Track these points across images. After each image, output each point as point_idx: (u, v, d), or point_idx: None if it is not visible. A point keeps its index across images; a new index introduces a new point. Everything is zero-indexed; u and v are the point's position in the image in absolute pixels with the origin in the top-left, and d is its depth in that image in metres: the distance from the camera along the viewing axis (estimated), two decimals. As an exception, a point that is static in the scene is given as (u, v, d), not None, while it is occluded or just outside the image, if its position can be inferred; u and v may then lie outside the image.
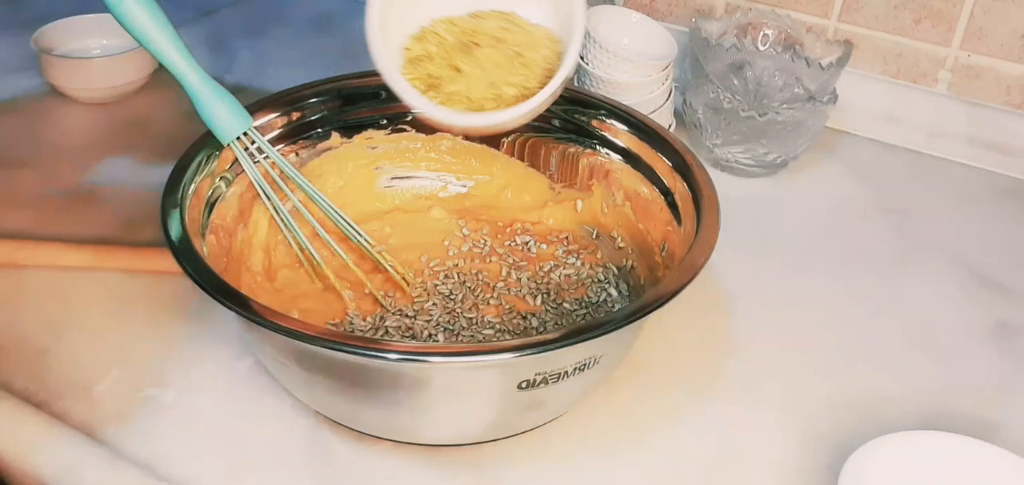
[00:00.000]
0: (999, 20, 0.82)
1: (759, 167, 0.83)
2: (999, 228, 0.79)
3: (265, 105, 0.64)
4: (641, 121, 0.65)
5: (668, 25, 0.87)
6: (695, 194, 0.58)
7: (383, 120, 0.69)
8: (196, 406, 0.55)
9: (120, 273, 0.65)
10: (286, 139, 0.65)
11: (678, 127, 0.86)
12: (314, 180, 0.66)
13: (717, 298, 0.67)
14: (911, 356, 0.64)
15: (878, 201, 0.81)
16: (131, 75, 0.88)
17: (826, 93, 0.80)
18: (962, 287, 0.71)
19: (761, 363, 0.62)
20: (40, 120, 0.85)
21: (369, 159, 0.69)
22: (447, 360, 0.45)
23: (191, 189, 0.56)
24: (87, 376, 0.57)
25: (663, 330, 0.61)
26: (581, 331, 0.46)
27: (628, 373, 0.59)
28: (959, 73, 0.86)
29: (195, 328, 0.61)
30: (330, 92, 0.67)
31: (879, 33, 0.87)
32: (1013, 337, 0.66)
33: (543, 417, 0.54)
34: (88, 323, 0.61)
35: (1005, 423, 0.58)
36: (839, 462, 0.50)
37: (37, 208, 0.72)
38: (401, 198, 0.71)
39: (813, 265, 0.72)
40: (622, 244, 0.66)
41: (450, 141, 0.70)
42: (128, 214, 0.72)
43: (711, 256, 0.52)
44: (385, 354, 0.44)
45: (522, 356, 0.45)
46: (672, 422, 0.57)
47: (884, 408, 0.59)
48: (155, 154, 0.80)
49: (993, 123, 0.86)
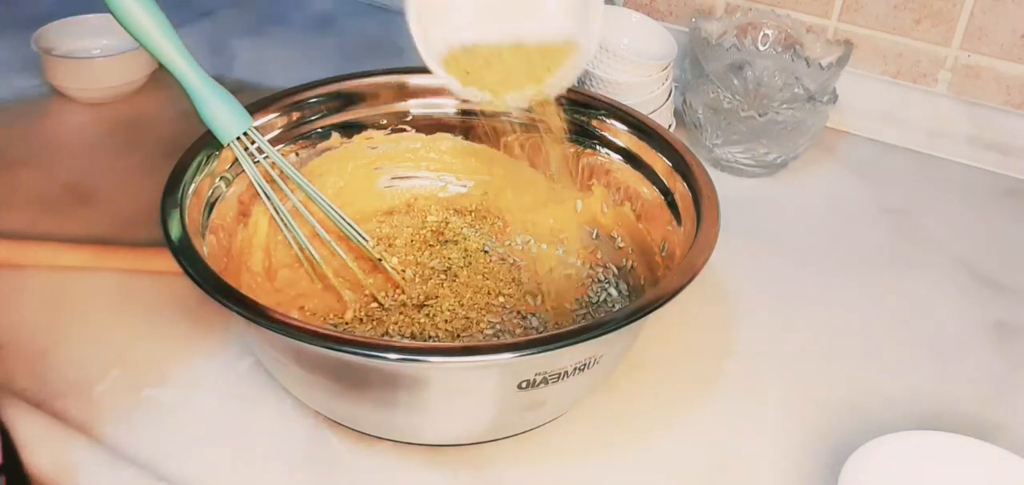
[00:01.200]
0: (999, 20, 0.82)
1: (759, 167, 0.83)
2: (999, 228, 0.79)
3: (265, 105, 0.64)
4: (641, 121, 0.65)
5: (668, 25, 0.87)
6: (695, 194, 0.58)
7: (383, 120, 0.69)
8: (196, 406, 0.55)
9: (120, 273, 0.65)
10: (286, 139, 0.65)
11: (678, 127, 0.86)
12: (314, 180, 0.66)
13: (717, 298, 0.67)
14: (911, 356, 0.64)
15: (878, 201, 0.81)
16: (131, 75, 0.88)
17: (826, 93, 0.80)
18: (962, 287, 0.71)
19: (761, 363, 0.62)
20: (40, 120, 0.85)
21: (369, 159, 0.69)
22: (446, 360, 0.45)
23: (191, 189, 0.56)
24: (87, 376, 0.57)
25: (663, 330, 0.61)
26: (581, 331, 0.46)
27: (628, 372, 0.59)
28: (959, 73, 0.86)
29: (195, 328, 0.61)
30: (330, 92, 0.67)
31: (879, 33, 0.87)
32: (1013, 337, 0.66)
33: (543, 417, 0.54)
34: (88, 323, 0.61)
35: (1005, 423, 0.58)
36: (839, 462, 0.50)
37: (37, 208, 0.72)
38: (401, 198, 0.71)
39: (813, 265, 0.72)
40: (622, 244, 0.66)
41: (450, 141, 0.70)
42: (128, 214, 0.72)
43: (711, 256, 0.52)
44: (384, 354, 0.44)
45: (522, 356, 0.45)
46: (672, 422, 0.57)
47: (884, 408, 0.59)
48: (155, 154, 0.80)
49: (993, 123, 0.86)
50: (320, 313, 0.61)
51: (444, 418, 0.51)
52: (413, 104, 0.69)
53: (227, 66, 0.97)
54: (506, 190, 0.71)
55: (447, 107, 0.69)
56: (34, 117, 0.86)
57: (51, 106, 0.87)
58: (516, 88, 0.59)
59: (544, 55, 0.60)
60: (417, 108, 0.69)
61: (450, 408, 0.50)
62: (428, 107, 0.69)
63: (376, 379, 0.48)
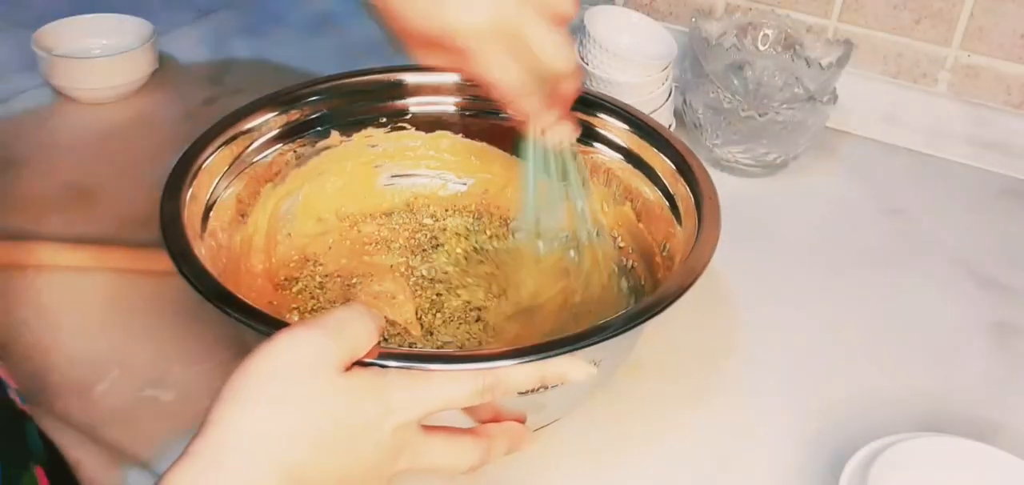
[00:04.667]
0: (999, 20, 0.82)
1: (759, 167, 0.83)
2: (999, 228, 0.79)
3: (264, 103, 0.64)
4: (642, 121, 0.65)
5: (668, 25, 0.87)
6: (696, 195, 0.58)
7: (382, 118, 0.68)
8: (196, 406, 0.55)
9: (120, 273, 0.65)
10: (285, 138, 0.65)
11: (678, 127, 0.86)
12: (314, 179, 0.66)
13: (717, 298, 0.67)
14: (911, 356, 0.64)
15: (878, 201, 0.81)
16: (131, 75, 0.88)
17: (826, 93, 0.80)
18: (962, 287, 0.71)
19: (761, 363, 0.62)
20: (40, 120, 0.85)
21: (369, 158, 0.69)
22: (447, 368, 0.44)
23: (190, 190, 0.55)
24: (87, 376, 0.57)
25: (663, 330, 0.61)
26: (581, 337, 0.45)
27: (629, 373, 0.59)
28: (959, 73, 0.86)
29: (195, 328, 0.61)
30: (329, 90, 0.67)
31: (879, 33, 0.87)
32: (1013, 337, 0.66)
33: (544, 419, 0.53)
34: (88, 323, 0.61)
35: (1005, 423, 0.58)
36: (840, 463, 0.50)
37: (37, 208, 0.72)
38: (401, 197, 0.71)
39: (813, 265, 0.72)
40: (622, 243, 0.66)
41: (450, 139, 0.70)
42: (128, 214, 0.72)
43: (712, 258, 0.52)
44: (383, 361, 0.44)
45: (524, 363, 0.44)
46: (672, 423, 0.57)
47: (884, 409, 0.59)
48: (155, 154, 0.79)
49: (993, 123, 0.86)
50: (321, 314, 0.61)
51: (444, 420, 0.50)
52: (412, 102, 0.69)
53: (227, 66, 0.97)
54: (506, 188, 0.71)
55: (447, 105, 0.69)
56: (34, 117, 0.86)
57: (51, 106, 0.87)
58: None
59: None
60: (417, 106, 0.69)
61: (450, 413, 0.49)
62: (428, 105, 0.69)
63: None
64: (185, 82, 0.93)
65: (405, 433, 0.40)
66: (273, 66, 0.97)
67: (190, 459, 0.36)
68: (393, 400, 0.40)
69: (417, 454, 0.42)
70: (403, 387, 0.40)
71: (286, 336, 0.38)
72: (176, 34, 1.01)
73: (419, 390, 0.40)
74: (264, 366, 0.38)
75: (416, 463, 0.42)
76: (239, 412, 0.37)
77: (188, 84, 0.92)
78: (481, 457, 0.44)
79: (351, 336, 0.39)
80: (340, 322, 0.40)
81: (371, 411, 0.39)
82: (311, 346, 0.38)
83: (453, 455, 0.43)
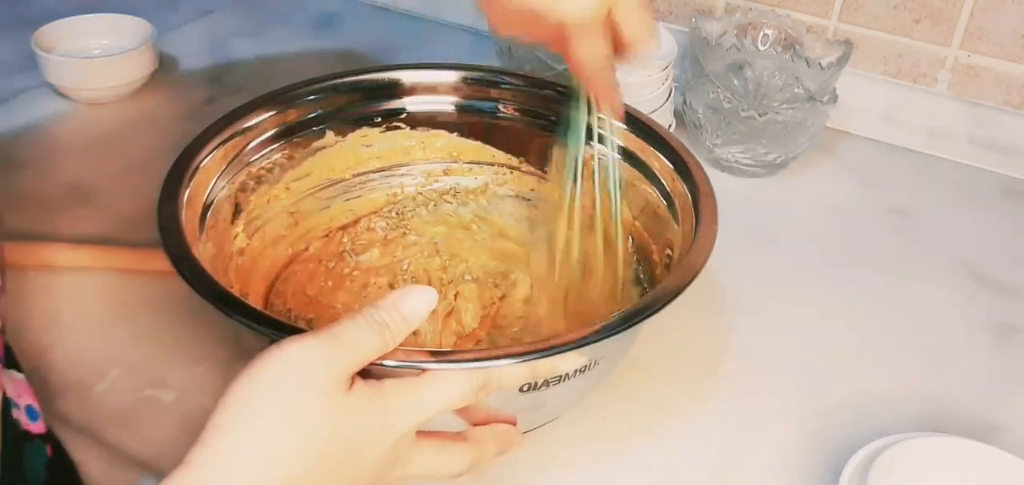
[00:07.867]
0: (999, 20, 0.82)
1: (759, 167, 0.83)
2: (999, 228, 0.79)
3: (259, 103, 0.63)
4: (641, 121, 0.65)
5: (668, 25, 0.87)
6: (694, 195, 0.58)
7: (377, 117, 0.68)
8: (196, 406, 0.55)
9: (120, 273, 0.65)
10: (280, 137, 0.64)
11: (678, 127, 0.86)
12: (308, 178, 0.66)
13: (716, 298, 0.67)
14: (911, 356, 0.64)
15: (878, 201, 0.81)
16: (131, 75, 0.88)
17: (826, 93, 0.80)
18: (962, 287, 0.71)
19: (761, 363, 0.62)
20: (40, 120, 0.85)
21: (364, 157, 0.69)
22: (445, 367, 0.44)
23: (189, 190, 0.55)
24: (87, 376, 0.57)
25: (662, 329, 0.61)
26: (583, 336, 0.45)
27: (627, 371, 0.59)
28: (959, 73, 0.86)
29: (195, 328, 0.61)
30: (324, 90, 0.67)
31: (879, 33, 0.87)
32: (1013, 337, 0.66)
33: (544, 418, 0.53)
34: (88, 323, 0.61)
35: (1005, 423, 0.58)
36: (840, 463, 0.50)
37: (37, 208, 0.72)
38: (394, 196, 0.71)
39: (813, 265, 0.72)
40: (622, 244, 0.66)
41: (445, 138, 0.70)
42: (128, 214, 0.72)
43: (710, 257, 0.52)
44: (382, 361, 0.44)
45: (525, 362, 0.45)
46: (671, 422, 0.57)
47: (884, 409, 0.58)
48: (155, 154, 0.79)
49: (993, 123, 0.86)
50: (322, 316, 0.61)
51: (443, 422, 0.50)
52: (408, 101, 0.69)
53: (227, 66, 0.97)
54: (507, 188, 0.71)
55: (443, 104, 0.69)
56: (34, 117, 0.86)
57: (51, 106, 0.87)
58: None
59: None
60: (412, 105, 0.69)
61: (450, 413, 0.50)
62: (423, 104, 0.69)
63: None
64: (185, 82, 0.93)
65: (403, 443, 0.41)
66: (273, 66, 0.97)
67: (192, 471, 0.35)
68: (392, 411, 0.40)
69: (409, 462, 0.42)
70: (400, 394, 0.40)
71: (294, 345, 0.38)
72: (176, 34, 1.01)
73: (415, 396, 0.40)
74: (270, 377, 0.37)
75: (408, 470, 0.42)
76: (243, 424, 0.36)
77: (188, 84, 0.93)
78: (472, 461, 0.44)
79: (357, 347, 0.39)
80: (347, 332, 0.39)
81: (374, 427, 0.39)
82: (319, 358, 0.38)
83: (444, 461, 0.44)
